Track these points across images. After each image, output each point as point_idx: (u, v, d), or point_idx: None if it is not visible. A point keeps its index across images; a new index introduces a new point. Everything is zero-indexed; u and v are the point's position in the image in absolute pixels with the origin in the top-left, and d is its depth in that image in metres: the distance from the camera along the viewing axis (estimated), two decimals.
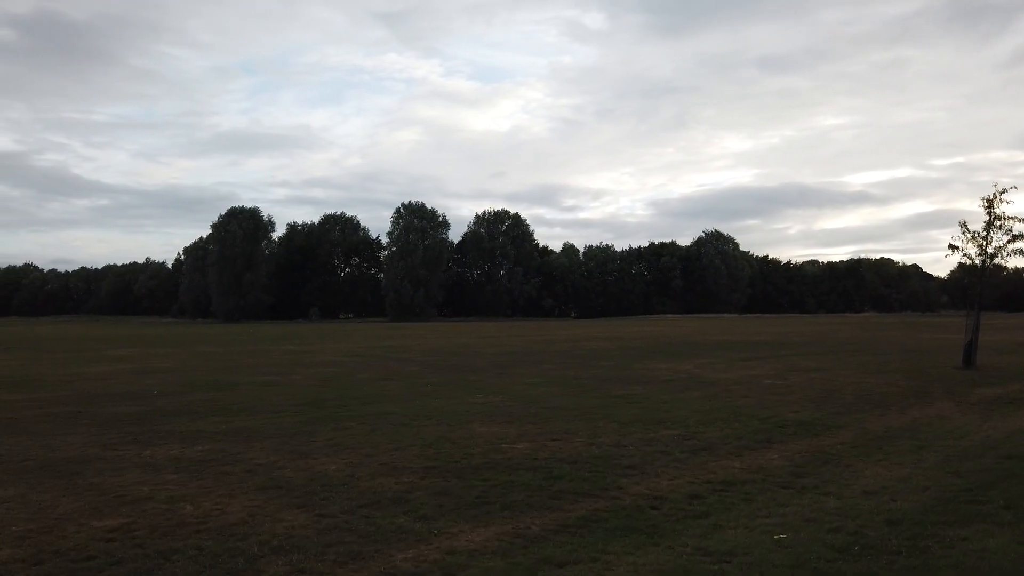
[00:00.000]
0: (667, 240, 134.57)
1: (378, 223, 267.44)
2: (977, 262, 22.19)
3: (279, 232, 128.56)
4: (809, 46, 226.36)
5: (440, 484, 8.19)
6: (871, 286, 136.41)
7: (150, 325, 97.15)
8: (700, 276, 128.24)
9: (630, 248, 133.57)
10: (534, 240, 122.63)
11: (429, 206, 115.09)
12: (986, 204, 21.95)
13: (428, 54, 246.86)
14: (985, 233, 22.01)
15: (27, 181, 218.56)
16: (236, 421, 12.69)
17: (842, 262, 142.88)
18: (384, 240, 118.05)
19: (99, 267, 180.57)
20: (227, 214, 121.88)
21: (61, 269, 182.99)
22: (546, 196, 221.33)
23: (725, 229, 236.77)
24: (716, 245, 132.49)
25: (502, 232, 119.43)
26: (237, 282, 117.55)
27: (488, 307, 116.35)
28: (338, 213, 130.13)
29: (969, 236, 22.18)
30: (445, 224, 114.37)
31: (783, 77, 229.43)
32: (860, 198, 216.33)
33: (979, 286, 22.53)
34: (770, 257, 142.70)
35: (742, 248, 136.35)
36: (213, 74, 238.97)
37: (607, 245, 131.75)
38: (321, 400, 15.55)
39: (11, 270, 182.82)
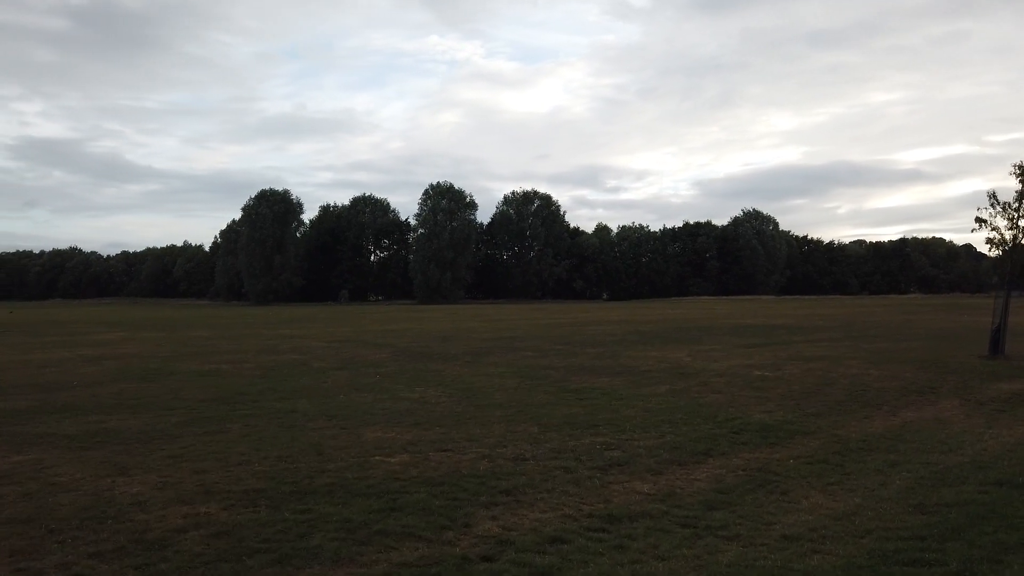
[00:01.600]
0: (706, 220, 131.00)
1: (414, 207, 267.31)
2: (1008, 237, 19.64)
3: (312, 214, 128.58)
4: (861, 20, 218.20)
5: (234, 518, 6.43)
6: (918, 266, 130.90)
7: (179, 307, 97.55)
8: (736, 257, 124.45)
9: (665, 228, 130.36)
10: (564, 221, 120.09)
11: (461, 187, 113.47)
12: (1019, 172, 19.36)
13: (470, 36, 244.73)
14: (1017, 204, 19.42)
15: (83, 167, 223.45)
16: (109, 421, 11.13)
17: (888, 242, 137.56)
18: (413, 222, 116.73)
19: (139, 250, 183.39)
20: (257, 196, 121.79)
21: (115, 253, 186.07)
22: (589, 177, 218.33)
23: (771, 209, 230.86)
24: (754, 224, 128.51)
25: (532, 213, 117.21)
26: (268, 264, 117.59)
27: (518, 289, 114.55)
28: (368, 195, 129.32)
29: (999, 208, 19.61)
30: (473, 205, 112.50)
31: (833, 52, 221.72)
32: (913, 176, 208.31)
33: (1008, 264, 19.96)
34: (811, 237, 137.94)
35: (788, 228, 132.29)
36: (259, 60, 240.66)
37: (641, 225, 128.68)
38: (242, 394, 13.96)
39: (56, 253, 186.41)
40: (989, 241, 19.91)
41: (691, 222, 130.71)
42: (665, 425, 10.54)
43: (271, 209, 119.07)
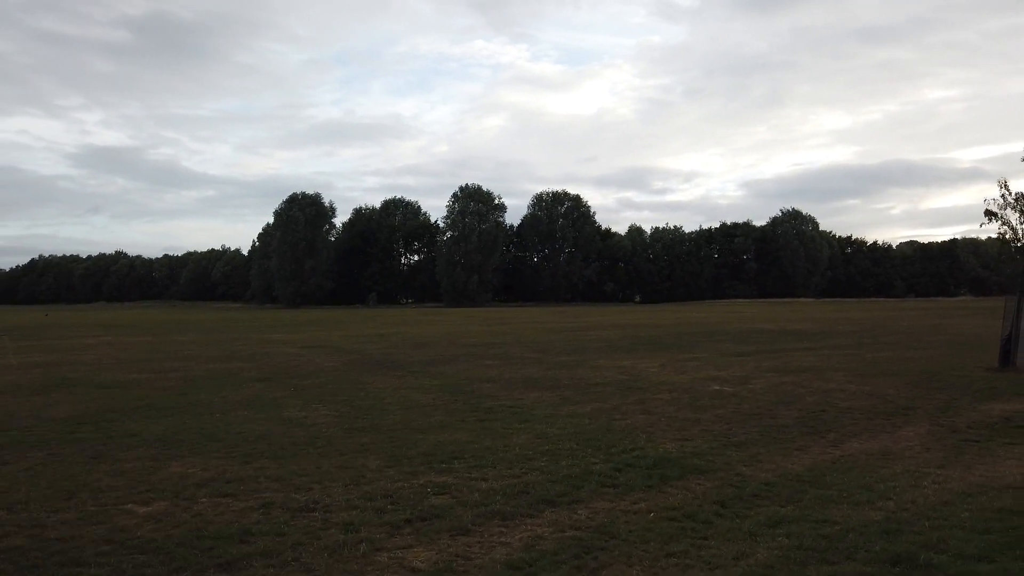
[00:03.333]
0: (744, 220, 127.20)
1: None
2: (1021, 232, 17.19)
3: (344, 217, 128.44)
4: (914, 15, 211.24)
5: None
6: (967, 268, 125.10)
7: (205, 310, 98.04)
8: (775, 258, 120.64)
9: (700, 229, 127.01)
10: (595, 222, 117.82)
11: (493, 190, 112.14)
12: None
13: (516, 39, 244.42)
14: None
15: (142, 174, 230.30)
16: None
17: (937, 243, 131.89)
18: (442, 224, 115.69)
19: (180, 254, 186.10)
20: (288, 200, 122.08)
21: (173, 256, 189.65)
22: (635, 179, 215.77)
23: (822, 210, 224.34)
24: (794, 225, 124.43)
25: (561, 214, 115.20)
26: (299, 267, 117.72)
27: (547, 292, 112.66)
28: (399, 197, 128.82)
29: (1012, 199, 17.18)
30: (502, 207, 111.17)
31: (886, 48, 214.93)
32: (971, 175, 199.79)
33: (1022, 262, 17.49)
34: (855, 237, 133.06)
35: (839, 229, 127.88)
36: (309, 67, 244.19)
37: (676, 227, 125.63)
38: (111, 411, 12.46)
39: (101, 257, 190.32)
40: (1000, 238, 17.46)
41: (728, 222, 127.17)
42: (541, 458, 8.67)
43: (303, 212, 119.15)
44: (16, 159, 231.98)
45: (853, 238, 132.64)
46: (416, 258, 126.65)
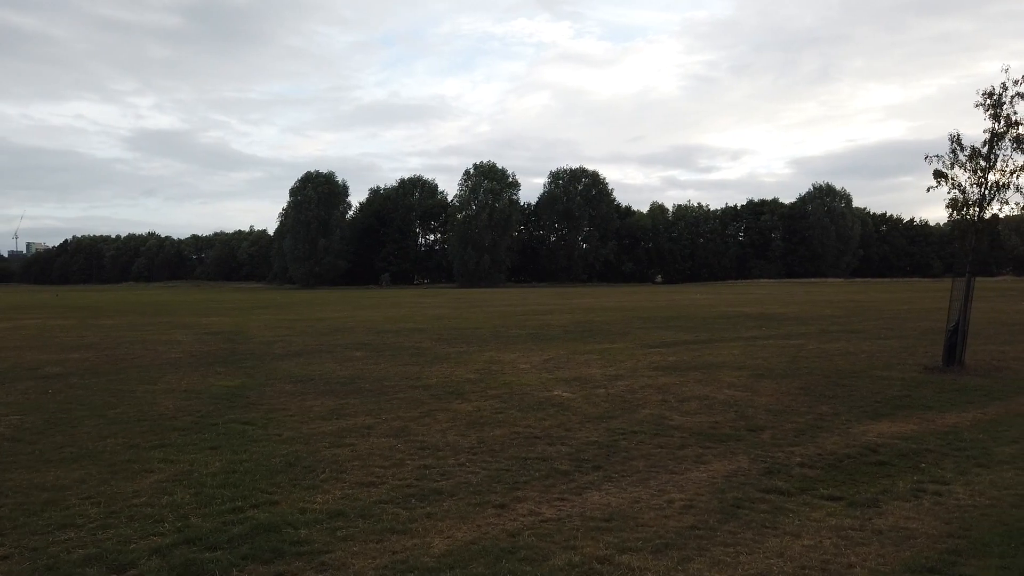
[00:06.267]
0: (772, 197, 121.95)
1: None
2: (972, 197, 13.83)
3: (362, 197, 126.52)
4: None
5: None
6: (1009, 246, 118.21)
7: (217, 291, 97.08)
8: (804, 237, 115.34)
9: (726, 207, 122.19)
10: (613, 200, 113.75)
11: (504, 167, 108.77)
12: (988, 103, 13.49)
13: (559, 17, 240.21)
14: (987, 151, 13.57)
15: (193, 156, 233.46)
16: None
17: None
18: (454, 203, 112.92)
19: (209, 234, 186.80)
20: (303, 179, 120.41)
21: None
22: (681, 158, 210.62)
23: (873, 188, 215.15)
24: (825, 202, 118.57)
25: (579, 192, 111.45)
26: (312, 247, 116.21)
27: (562, 272, 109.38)
28: (417, 176, 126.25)
29: (965, 157, 13.81)
30: (515, 185, 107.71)
31: (942, 20, 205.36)
32: None
33: (972, 237, 14.15)
34: (890, 215, 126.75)
35: (891, 209, 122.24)
36: (355, 49, 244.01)
37: (700, 204, 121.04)
38: None
39: (131, 238, 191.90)
40: (953, 205, 14.11)
41: (756, 199, 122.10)
42: (120, 522, 6.00)
43: (316, 191, 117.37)
44: (73, 143, 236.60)
45: (888, 215, 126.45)
46: (432, 238, 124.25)
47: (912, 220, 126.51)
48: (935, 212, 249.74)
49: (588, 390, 11.90)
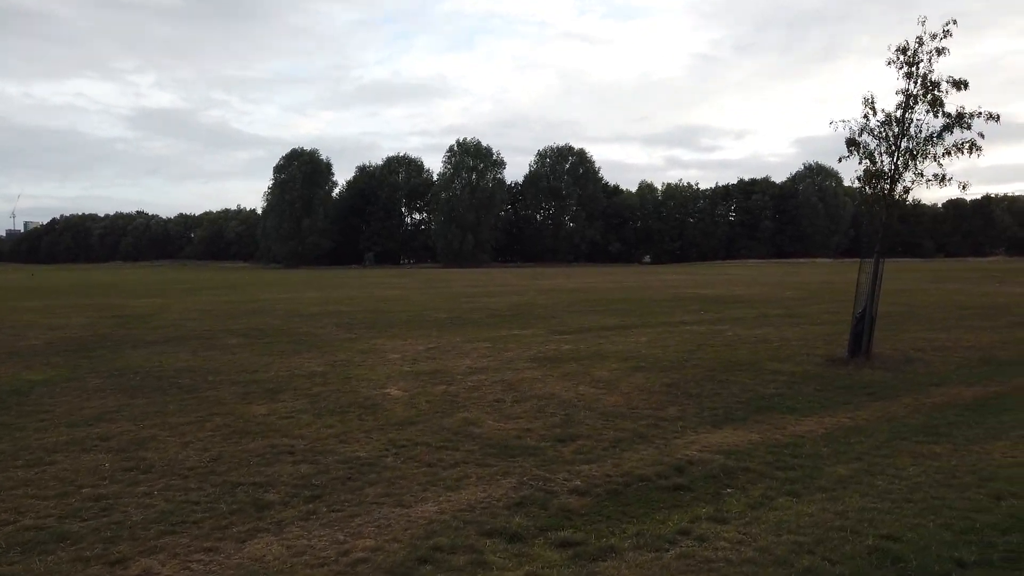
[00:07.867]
0: (763, 176, 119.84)
1: (511, 169, 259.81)
2: (885, 167, 12.27)
3: (347, 176, 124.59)
4: None
5: None
6: (1002, 226, 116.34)
7: (196, 270, 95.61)
8: (793, 216, 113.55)
9: (716, 186, 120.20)
10: (600, 179, 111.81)
11: (489, 145, 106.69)
12: (903, 61, 11.88)
13: None
14: (901, 115, 11.97)
15: (194, 135, 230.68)
16: None
17: (971, 200, 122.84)
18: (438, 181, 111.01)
19: (197, 213, 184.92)
20: (287, 157, 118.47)
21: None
22: (684, 138, 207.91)
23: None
24: (815, 181, 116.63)
25: (566, 171, 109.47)
26: (296, 226, 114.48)
27: (549, 252, 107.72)
28: (402, 154, 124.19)
29: (877, 122, 12.21)
30: (500, 163, 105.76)
31: None
32: None
33: (883, 212, 12.60)
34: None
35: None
36: (356, 27, 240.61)
37: (690, 183, 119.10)
38: None
39: (119, 216, 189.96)
40: (867, 177, 12.54)
41: (746, 179, 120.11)
42: None
43: (300, 170, 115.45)
44: (73, 121, 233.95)
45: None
46: (418, 217, 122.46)
47: (905, 200, 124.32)
48: (926, 192, 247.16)
49: (429, 387, 10.43)
